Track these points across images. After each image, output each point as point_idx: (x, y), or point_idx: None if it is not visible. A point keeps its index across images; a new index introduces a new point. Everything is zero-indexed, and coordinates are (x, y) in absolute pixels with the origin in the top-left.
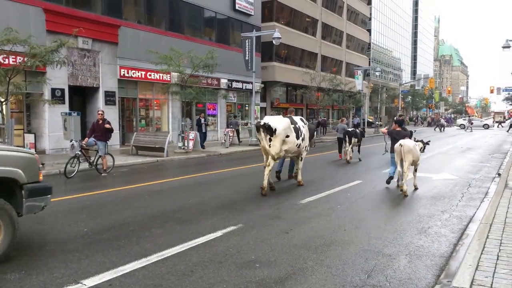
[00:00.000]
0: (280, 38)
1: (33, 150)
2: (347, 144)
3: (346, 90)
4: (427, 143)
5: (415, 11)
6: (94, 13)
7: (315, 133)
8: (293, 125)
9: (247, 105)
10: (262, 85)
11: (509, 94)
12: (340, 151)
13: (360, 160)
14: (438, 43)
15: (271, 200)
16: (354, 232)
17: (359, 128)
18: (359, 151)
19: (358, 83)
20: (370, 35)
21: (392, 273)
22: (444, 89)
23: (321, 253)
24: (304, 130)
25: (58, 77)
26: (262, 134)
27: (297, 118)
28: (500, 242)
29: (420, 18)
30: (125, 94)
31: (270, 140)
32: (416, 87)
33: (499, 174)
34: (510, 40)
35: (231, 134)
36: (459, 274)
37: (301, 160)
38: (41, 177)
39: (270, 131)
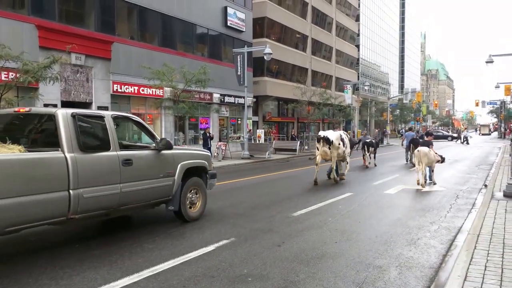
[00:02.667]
0: (271, 53)
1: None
2: (366, 152)
3: (336, 104)
4: (443, 159)
5: (402, 27)
6: (87, 29)
7: (355, 145)
8: (341, 137)
9: (239, 119)
10: (254, 100)
11: (493, 107)
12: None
13: (375, 165)
14: (424, 58)
15: (263, 213)
16: (345, 244)
17: (375, 139)
18: (374, 157)
19: (348, 97)
20: (358, 50)
21: (383, 285)
22: (431, 102)
23: (313, 266)
24: (346, 140)
25: (50, 93)
26: (321, 143)
27: (341, 132)
28: (487, 252)
29: (407, 34)
30: (118, 109)
31: (329, 148)
32: (404, 101)
33: (485, 185)
34: (493, 55)
35: (224, 148)
36: (448, 285)
37: (347, 163)
38: (211, 167)
39: (328, 141)
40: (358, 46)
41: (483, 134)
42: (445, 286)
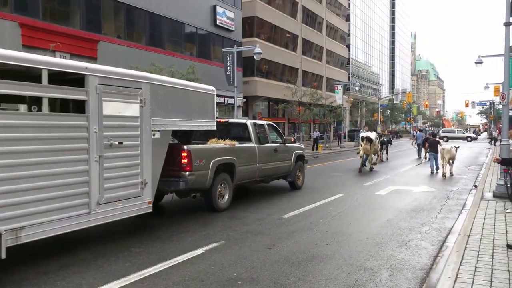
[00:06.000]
0: (261, 53)
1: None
2: (382, 149)
3: (326, 105)
4: (458, 147)
5: (392, 27)
6: (73, 27)
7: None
8: (376, 136)
9: (229, 120)
10: (244, 100)
11: (483, 107)
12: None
13: (383, 160)
14: (415, 59)
15: (253, 215)
16: (336, 246)
17: (388, 138)
18: (387, 152)
19: (338, 98)
20: (349, 50)
21: (374, 287)
22: (422, 103)
23: (303, 268)
24: (378, 139)
25: None
26: (365, 142)
27: (374, 133)
28: (477, 253)
29: (397, 34)
30: None
31: (369, 145)
32: (395, 101)
33: (475, 186)
34: (482, 56)
35: None
36: (439, 286)
37: (377, 155)
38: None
39: (370, 140)
40: (348, 46)
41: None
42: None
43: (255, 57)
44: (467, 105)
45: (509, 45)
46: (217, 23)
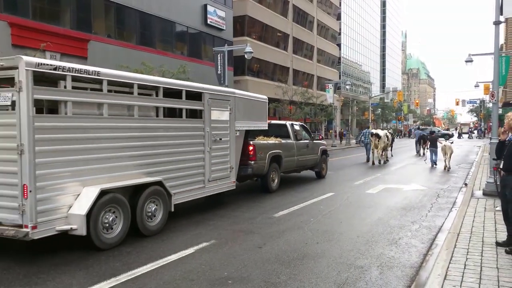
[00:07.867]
0: (252, 52)
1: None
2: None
3: (317, 103)
4: (452, 142)
5: (383, 26)
6: (63, 27)
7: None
8: (386, 134)
9: None
10: None
11: (473, 106)
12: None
13: (391, 156)
14: (405, 57)
15: (244, 214)
16: (326, 244)
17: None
18: (390, 150)
19: (329, 97)
20: (340, 49)
21: (364, 285)
22: (412, 101)
23: (294, 267)
24: (390, 136)
25: None
26: (374, 138)
27: (385, 131)
28: (467, 251)
29: (388, 33)
30: None
31: (378, 140)
32: (385, 100)
33: (465, 184)
34: (472, 55)
35: None
36: (429, 284)
37: (389, 150)
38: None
39: (378, 137)
40: (339, 45)
41: (463, 133)
42: (425, 286)
43: (246, 56)
44: (457, 104)
45: (498, 44)
46: (208, 22)
